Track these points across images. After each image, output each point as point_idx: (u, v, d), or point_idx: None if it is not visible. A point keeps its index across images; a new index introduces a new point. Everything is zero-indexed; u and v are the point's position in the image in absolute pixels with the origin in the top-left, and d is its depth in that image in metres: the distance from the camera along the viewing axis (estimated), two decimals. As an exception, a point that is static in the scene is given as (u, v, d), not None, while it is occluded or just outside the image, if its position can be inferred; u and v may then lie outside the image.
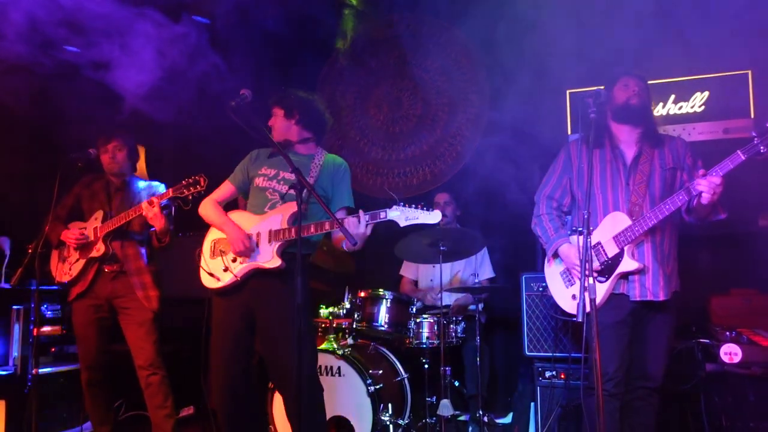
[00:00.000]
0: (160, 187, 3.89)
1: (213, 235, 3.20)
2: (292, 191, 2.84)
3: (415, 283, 4.88)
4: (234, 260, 3.04)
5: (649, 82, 4.36)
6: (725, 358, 3.08)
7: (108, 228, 3.66)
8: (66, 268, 3.78)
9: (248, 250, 2.98)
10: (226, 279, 3.03)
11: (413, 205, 2.78)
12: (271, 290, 2.99)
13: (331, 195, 3.18)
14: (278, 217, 3.00)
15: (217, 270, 3.07)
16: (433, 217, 2.75)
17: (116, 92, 3.86)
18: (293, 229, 2.91)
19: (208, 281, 3.11)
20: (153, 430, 3.73)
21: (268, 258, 2.96)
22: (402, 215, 2.77)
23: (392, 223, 2.79)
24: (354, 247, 2.76)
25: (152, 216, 3.50)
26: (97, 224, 3.72)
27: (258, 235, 3.03)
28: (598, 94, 2.77)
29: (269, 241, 2.98)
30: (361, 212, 2.81)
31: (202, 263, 3.16)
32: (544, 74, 4.65)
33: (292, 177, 3.02)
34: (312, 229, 2.90)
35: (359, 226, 2.78)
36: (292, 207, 2.96)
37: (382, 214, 2.79)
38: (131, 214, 3.59)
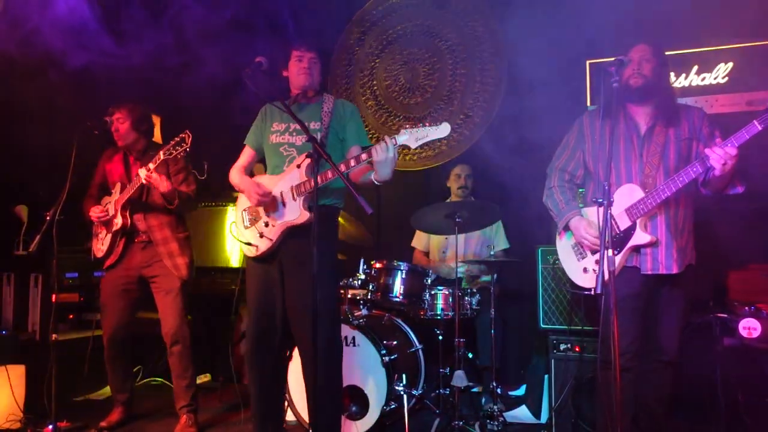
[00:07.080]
0: None
1: (242, 204, 3.21)
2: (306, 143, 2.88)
3: (426, 254, 4.87)
4: (267, 225, 3.05)
5: (672, 52, 4.32)
6: (744, 333, 3.06)
7: (122, 200, 3.68)
8: (99, 244, 3.85)
9: (264, 196, 2.98)
10: (264, 245, 3.05)
11: (420, 125, 2.68)
12: (301, 247, 2.93)
13: (343, 137, 3.17)
14: (296, 171, 2.99)
15: (253, 238, 3.10)
16: (443, 130, 2.66)
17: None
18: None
19: (247, 250, 3.14)
20: (174, 397, 3.81)
21: (296, 214, 2.97)
22: (411, 137, 2.68)
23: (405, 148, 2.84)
24: (386, 177, 2.75)
25: (152, 183, 3.53)
26: (116, 197, 3.76)
27: (282, 194, 3.02)
28: (621, 63, 2.71)
29: (294, 198, 2.98)
30: (386, 137, 2.72)
31: (238, 235, 3.18)
32: (563, 44, 4.57)
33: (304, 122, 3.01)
34: (329, 175, 2.84)
35: (388, 149, 2.69)
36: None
37: (392, 141, 2.70)
38: (135, 185, 3.62)
